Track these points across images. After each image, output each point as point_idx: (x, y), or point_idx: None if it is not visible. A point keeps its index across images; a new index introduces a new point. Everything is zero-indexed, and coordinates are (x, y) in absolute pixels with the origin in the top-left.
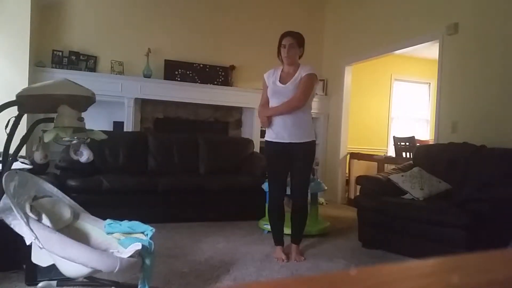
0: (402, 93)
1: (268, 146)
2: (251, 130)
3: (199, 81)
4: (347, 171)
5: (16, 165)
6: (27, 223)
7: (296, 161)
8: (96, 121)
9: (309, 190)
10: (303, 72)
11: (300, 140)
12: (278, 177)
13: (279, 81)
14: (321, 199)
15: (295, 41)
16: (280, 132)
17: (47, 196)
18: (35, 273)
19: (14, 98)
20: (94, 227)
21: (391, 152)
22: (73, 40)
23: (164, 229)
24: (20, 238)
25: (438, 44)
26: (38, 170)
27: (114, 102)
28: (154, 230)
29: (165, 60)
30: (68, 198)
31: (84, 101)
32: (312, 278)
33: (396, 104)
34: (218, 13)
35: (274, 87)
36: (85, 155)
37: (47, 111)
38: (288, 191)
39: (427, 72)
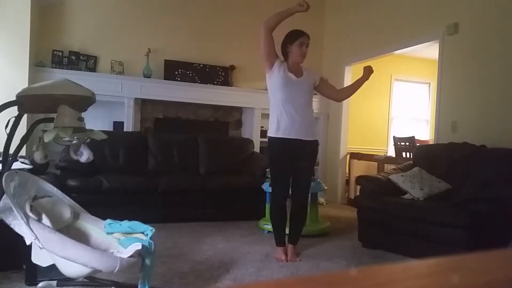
0: (402, 93)
1: (273, 143)
2: (251, 130)
3: (199, 81)
4: (347, 171)
5: (16, 165)
6: (27, 223)
7: (301, 161)
8: (96, 121)
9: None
10: (316, 74)
11: (306, 138)
12: (283, 176)
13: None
14: (321, 199)
15: (309, 42)
16: (287, 128)
17: (47, 196)
18: (35, 273)
19: (14, 98)
20: (94, 227)
21: (391, 152)
22: (73, 40)
23: (164, 229)
24: (20, 238)
25: (438, 44)
26: (38, 170)
27: (114, 102)
28: (154, 230)
29: (165, 60)
30: (68, 198)
31: (84, 101)
32: (312, 278)
33: (396, 104)
34: (218, 13)
35: (286, 78)
36: (85, 155)
37: (47, 111)
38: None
39: (427, 72)
